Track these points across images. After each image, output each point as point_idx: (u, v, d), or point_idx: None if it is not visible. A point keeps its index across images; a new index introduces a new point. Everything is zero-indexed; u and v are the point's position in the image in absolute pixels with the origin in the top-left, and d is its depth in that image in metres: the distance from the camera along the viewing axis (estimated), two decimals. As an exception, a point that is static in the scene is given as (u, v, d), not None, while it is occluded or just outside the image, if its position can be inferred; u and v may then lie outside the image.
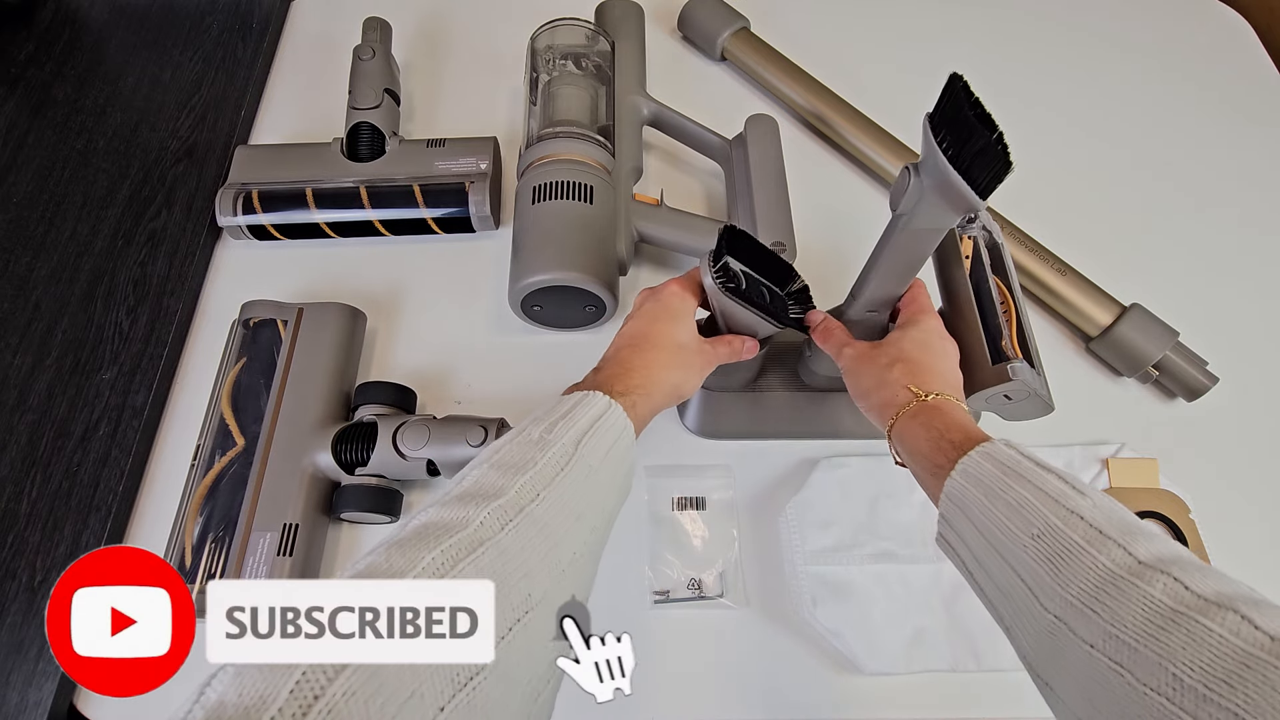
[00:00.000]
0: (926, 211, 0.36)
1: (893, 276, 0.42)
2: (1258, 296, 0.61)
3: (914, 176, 0.35)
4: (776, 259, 0.45)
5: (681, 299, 0.44)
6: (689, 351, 0.43)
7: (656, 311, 0.43)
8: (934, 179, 0.33)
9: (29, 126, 0.68)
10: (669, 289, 0.44)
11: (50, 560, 0.49)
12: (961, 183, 0.32)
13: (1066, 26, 0.77)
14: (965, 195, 0.32)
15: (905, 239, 0.38)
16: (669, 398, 0.42)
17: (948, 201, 0.34)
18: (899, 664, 0.47)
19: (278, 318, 0.55)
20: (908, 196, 0.35)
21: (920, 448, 0.37)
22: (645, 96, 0.65)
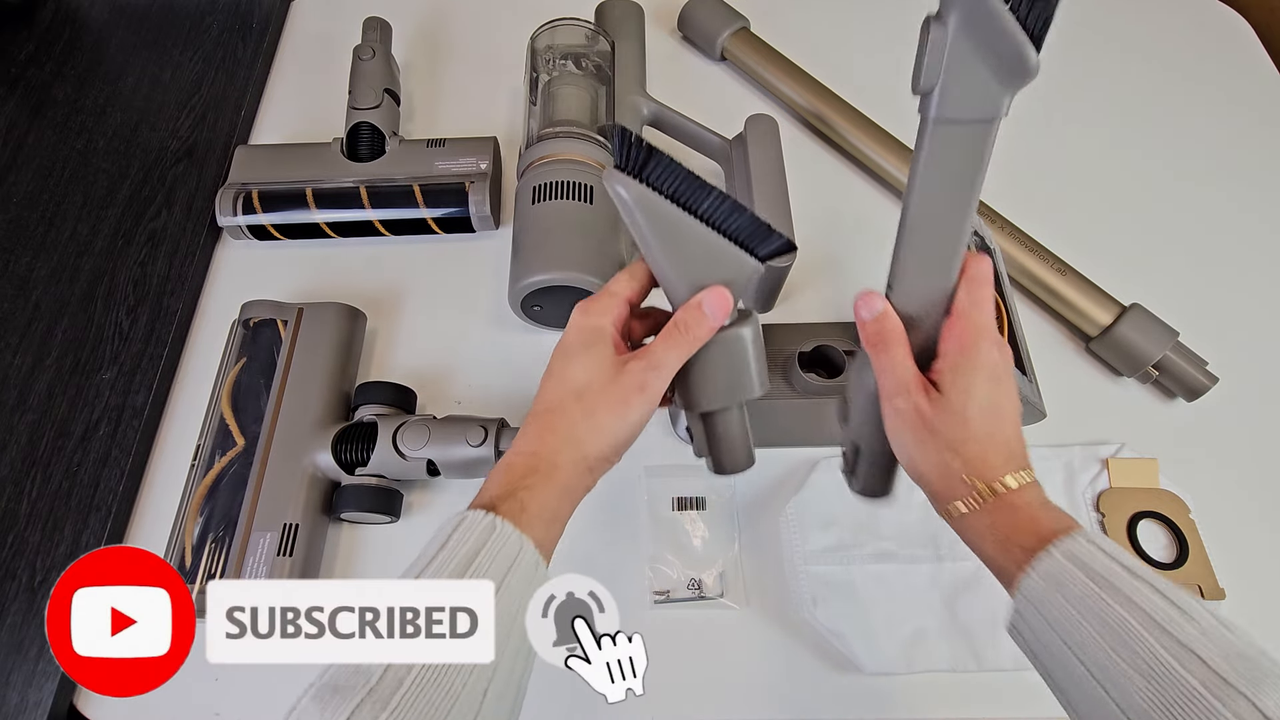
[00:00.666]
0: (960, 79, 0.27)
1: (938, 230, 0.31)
2: (1258, 296, 0.61)
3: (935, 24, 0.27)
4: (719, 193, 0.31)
5: (581, 328, 0.35)
6: (593, 393, 0.33)
7: (554, 356, 0.35)
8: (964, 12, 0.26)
9: (29, 126, 0.68)
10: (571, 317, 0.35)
11: (50, 560, 0.49)
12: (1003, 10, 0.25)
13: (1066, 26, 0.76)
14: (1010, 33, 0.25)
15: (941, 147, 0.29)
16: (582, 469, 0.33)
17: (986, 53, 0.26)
18: (899, 664, 0.47)
19: (278, 318, 0.55)
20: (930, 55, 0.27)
21: (985, 549, 0.33)
22: (645, 96, 0.65)
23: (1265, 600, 0.49)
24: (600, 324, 0.35)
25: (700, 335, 0.33)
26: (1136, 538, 0.50)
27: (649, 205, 0.30)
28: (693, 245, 0.31)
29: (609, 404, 0.33)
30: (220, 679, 0.47)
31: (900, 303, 0.34)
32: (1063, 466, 0.53)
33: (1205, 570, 0.49)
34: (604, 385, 0.33)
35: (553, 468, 0.32)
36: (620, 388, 0.33)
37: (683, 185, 0.31)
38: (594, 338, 0.34)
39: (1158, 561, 0.49)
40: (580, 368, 0.34)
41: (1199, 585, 0.48)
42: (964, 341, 0.33)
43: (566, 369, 0.34)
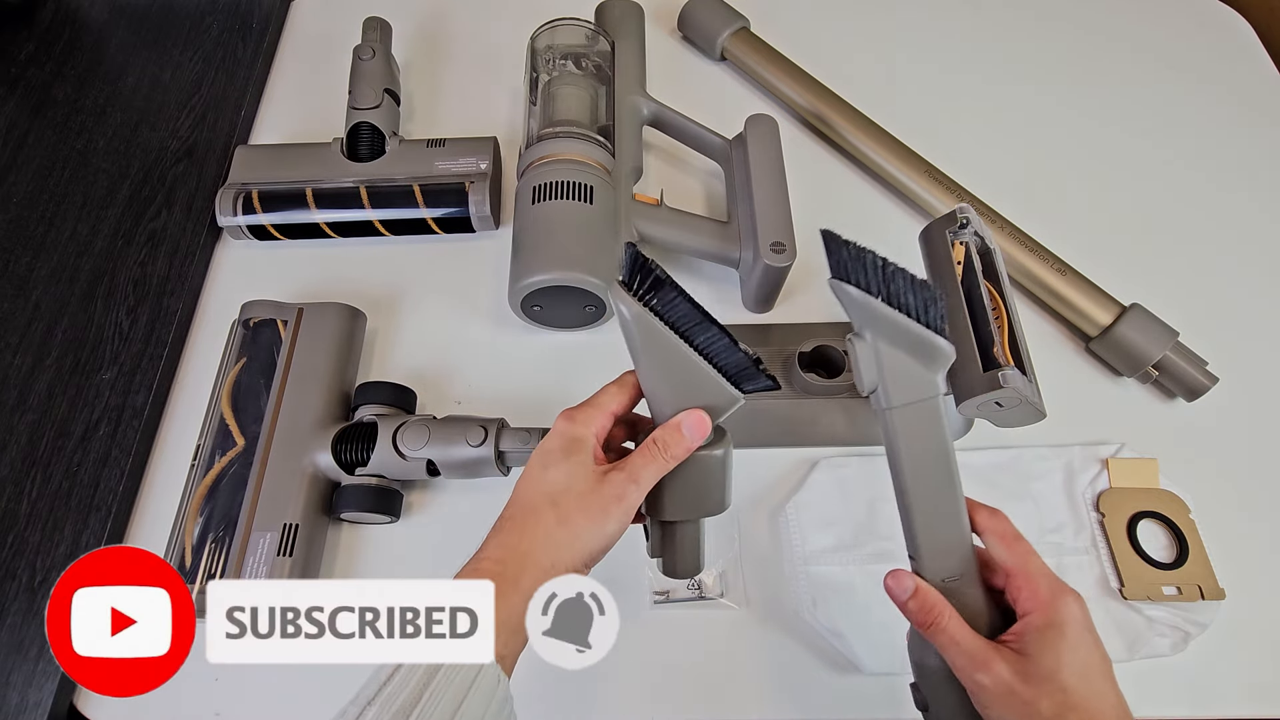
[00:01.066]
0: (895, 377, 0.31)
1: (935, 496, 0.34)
2: (1258, 297, 0.61)
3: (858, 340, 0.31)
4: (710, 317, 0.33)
5: (560, 434, 0.34)
6: (569, 500, 0.33)
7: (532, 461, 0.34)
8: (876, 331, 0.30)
9: (29, 126, 0.68)
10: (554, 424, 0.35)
11: (50, 560, 0.49)
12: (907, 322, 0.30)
13: (1066, 26, 0.77)
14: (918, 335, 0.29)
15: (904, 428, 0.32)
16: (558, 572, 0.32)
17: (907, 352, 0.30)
18: (899, 664, 0.46)
19: (278, 318, 0.55)
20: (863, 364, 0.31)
21: None
22: (645, 96, 0.65)
23: (1265, 600, 0.49)
24: (583, 434, 0.35)
25: (677, 455, 0.34)
26: (1136, 538, 0.50)
27: (647, 327, 0.32)
28: (683, 371, 0.33)
29: (587, 512, 0.33)
30: (220, 679, 0.47)
31: (930, 575, 0.35)
32: (1063, 466, 0.53)
33: (1205, 570, 0.49)
34: (582, 493, 0.33)
35: (521, 572, 0.32)
36: (599, 497, 0.33)
37: (684, 316, 0.33)
38: (575, 446, 0.34)
39: (1158, 561, 0.49)
40: (559, 473, 0.33)
41: (1199, 585, 0.48)
42: (1039, 600, 0.32)
43: (545, 474, 0.34)
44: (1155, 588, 0.48)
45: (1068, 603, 0.33)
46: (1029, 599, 0.33)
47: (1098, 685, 0.32)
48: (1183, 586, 0.48)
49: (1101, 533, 0.51)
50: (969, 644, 0.33)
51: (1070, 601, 0.33)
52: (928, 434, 0.32)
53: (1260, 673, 0.48)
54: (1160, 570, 0.49)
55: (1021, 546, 0.34)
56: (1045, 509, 0.51)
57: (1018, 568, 0.33)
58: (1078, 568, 0.50)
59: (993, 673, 0.32)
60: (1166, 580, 0.48)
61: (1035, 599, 0.33)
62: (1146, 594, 0.48)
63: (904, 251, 0.51)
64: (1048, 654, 0.32)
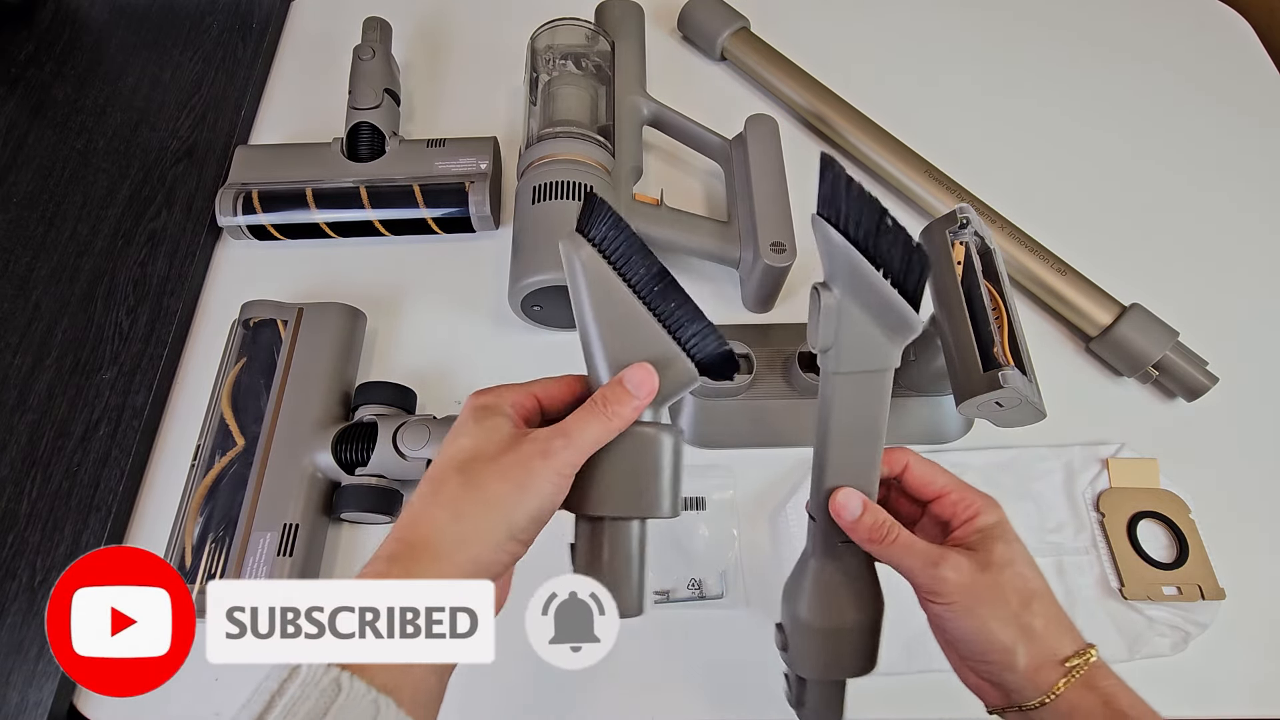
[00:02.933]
0: (853, 340, 0.29)
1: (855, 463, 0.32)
2: (1258, 297, 0.61)
3: (824, 292, 0.29)
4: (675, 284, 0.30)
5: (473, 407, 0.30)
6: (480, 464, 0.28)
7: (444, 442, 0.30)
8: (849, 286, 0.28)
9: (29, 126, 0.68)
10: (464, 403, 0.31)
11: (50, 560, 0.49)
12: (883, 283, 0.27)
13: (1066, 26, 0.77)
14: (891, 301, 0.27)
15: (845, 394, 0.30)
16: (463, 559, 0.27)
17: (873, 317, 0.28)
18: (899, 664, 0.47)
19: (278, 318, 0.55)
20: (823, 319, 0.28)
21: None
22: (645, 96, 0.65)
23: (1265, 600, 0.49)
24: (496, 402, 0.30)
25: (623, 414, 0.29)
26: (1136, 538, 0.50)
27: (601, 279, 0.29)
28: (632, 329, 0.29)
29: (503, 474, 0.27)
30: (220, 679, 0.47)
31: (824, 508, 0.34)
32: (1063, 466, 0.53)
33: (1205, 570, 0.49)
34: (496, 455, 0.28)
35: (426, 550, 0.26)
36: (519, 454, 0.28)
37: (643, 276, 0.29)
38: (487, 412, 0.30)
39: (1158, 561, 0.49)
40: (467, 439, 0.28)
41: (1199, 585, 0.48)
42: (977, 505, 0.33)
43: (453, 443, 0.29)
44: (1155, 588, 0.48)
45: (998, 508, 0.33)
46: (966, 507, 0.33)
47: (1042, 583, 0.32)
48: (1183, 586, 0.48)
49: (1101, 533, 0.51)
50: (923, 548, 0.32)
51: (998, 505, 0.33)
52: (870, 405, 0.30)
53: (1260, 673, 0.48)
54: (1160, 570, 0.49)
55: (942, 469, 0.34)
56: (1045, 509, 0.51)
57: (951, 484, 0.34)
58: (1078, 568, 0.50)
59: (952, 563, 0.31)
60: (1167, 580, 0.48)
61: (973, 506, 0.33)
62: (1147, 594, 0.48)
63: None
64: (999, 545, 0.32)
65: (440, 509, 0.27)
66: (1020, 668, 0.30)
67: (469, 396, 0.31)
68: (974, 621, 0.31)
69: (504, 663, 0.48)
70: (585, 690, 0.47)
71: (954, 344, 0.44)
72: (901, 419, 0.53)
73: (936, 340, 0.46)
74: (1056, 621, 0.31)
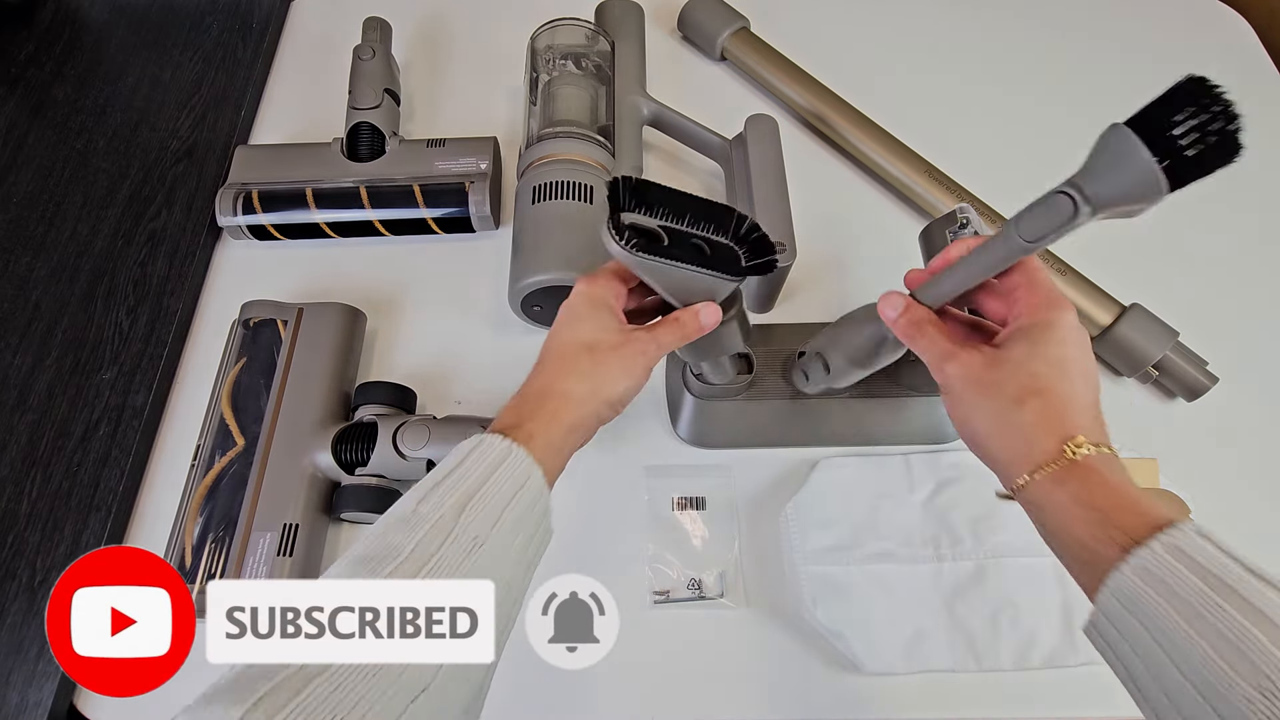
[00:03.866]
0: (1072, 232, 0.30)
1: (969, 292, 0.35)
2: (1258, 296, 0.61)
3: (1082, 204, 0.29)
4: (705, 202, 0.37)
5: (585, 296, 0.38)
6: (601, 350, 0.36)
7: (558, 319, 0.38)
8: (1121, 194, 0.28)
9: (29, 126, 0.68)
10: (575, 287, 0.38)
11: (50, 560, 0.49)
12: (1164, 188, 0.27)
13: (1066, 26, 0.77)
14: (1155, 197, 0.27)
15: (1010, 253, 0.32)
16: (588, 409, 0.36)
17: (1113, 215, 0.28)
18: (899, 664, 0.47)
19: (278, 318, 0.55)
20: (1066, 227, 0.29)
21: (1072, 530, 0.29)
22: (645, 96, 0.65)
23: (1265, 600, 0.49)
24: (604, 294, 0.38)
25: (693, 333, 0.38)
26: (1136, 538, 0.50)
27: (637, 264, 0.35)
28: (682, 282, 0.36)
29: (622, 359, 0.36)
30: (220, 679, 0.47)
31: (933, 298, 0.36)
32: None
33: (1205, 570, 0.49)
34: (613, 345, 0.37)
35: (565, 399, 0.35)
36: (629, 348, 0.37)
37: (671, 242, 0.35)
38: (600, 305, 0.38)
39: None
40: (590, 325, 0.37)
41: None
42: (1033, 304, 0.33)
43: (576, 327, 0.37)
44: (1155, 588, 0.48)
45: (1061, 309, 0.32)
46: (1024, 305, 0.33)
47: (1075, 382, 0.31)
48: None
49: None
50: (939, 345, 0.34)
51: (1066, 308, 0.33)
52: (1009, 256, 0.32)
53: (1260, 673, 0.48)
54: (1160, 570, 0.49)
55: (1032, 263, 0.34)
56: (1045, 509, 0.51)
57: (1024, 279, 0.33)
58: (1078, 568, 0.50)
59: (960, 360, 0.33)
60: (1166, 580, 0.48)
61: (1030, 304, 0.33)
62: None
63: (904, 251, 0.52)
64: (1022, 344, 0.32)
65: (576, 375, 0.36)
66: (999, 460, 0.32)
67: (579, 281, 0.38)
68: (963, 412, 0.33)
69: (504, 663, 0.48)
70: (585, 690, 0.47)
71: None
72: (901, 419, 0.53)
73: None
74: (1047, 422, 0.31)
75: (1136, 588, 0.26)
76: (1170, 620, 0.25)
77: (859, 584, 0.49)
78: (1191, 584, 0.25)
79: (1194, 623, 0.25)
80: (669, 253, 0.35)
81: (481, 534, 0.30)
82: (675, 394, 0.54)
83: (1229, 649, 0.24)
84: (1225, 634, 0.24)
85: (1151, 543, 0.26)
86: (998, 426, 0.32)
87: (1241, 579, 0.25)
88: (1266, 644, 0.23)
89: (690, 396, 0.52)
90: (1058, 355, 0.31)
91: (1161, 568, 0.26)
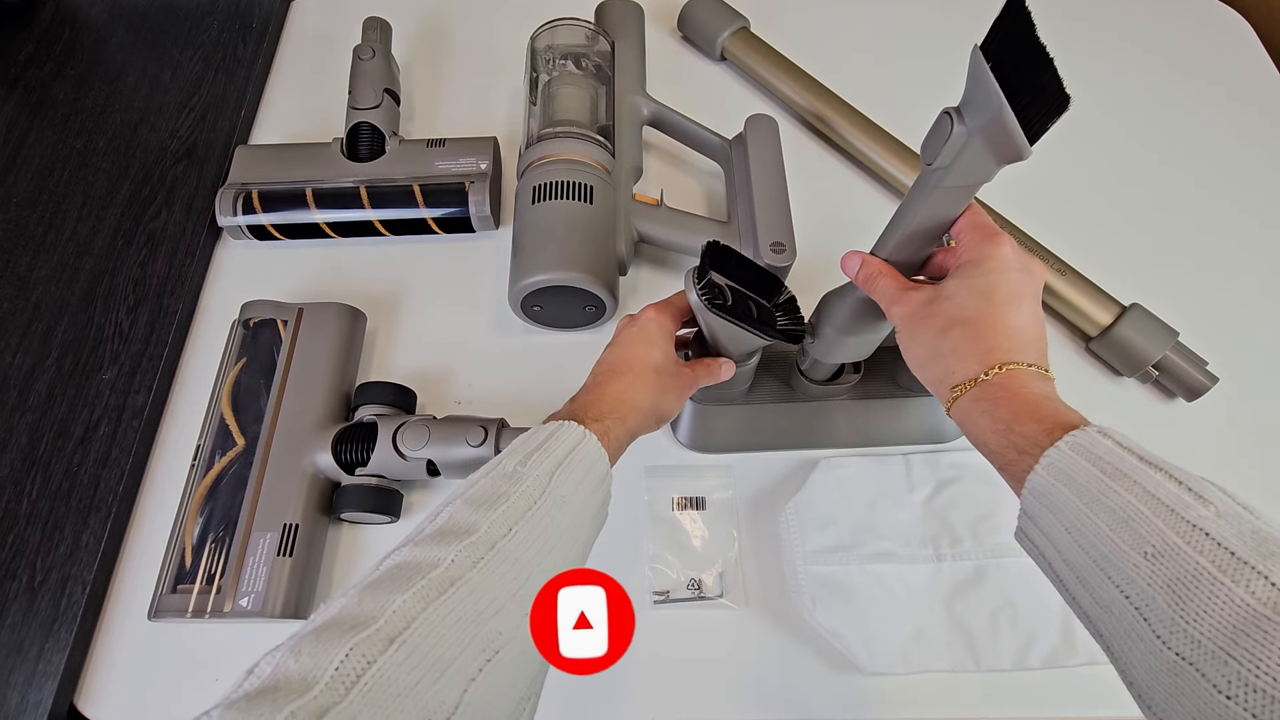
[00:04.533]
0: (966, 163, 0.32)
1: (916, 241, 0.38)
2: (1258, 296, 0.61)
3: (957, 122, 0.31)
4: (762, 271, 0.44)
5: (658, 324, 0.43)
6: (665, 375, 0.42)
7: (633, 336, 0.43)
8: (982, 119, 0.30)
9: (29, 126, 0.68)
10: (645, 315, 0.44)
11: (50, 560, 0.49)
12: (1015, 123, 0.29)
13: (1066, 27, 0.76)
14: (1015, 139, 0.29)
15: (937, 198, 0.34)
16: (646, 421, 0.41)
17: (991, 150, 0.31)
18: (899, 664, 0.47)
19: (278, 318, 0.55)
20: (949, 145, 0.31)
21: (984, 439, 0.33)
22: (645, 96, 0.65)
23: (1265, 600, 0.49)
24: (670, 327, 0.44)
25: (720, 380, 0.45)
26: (1136, 538, 0.50)
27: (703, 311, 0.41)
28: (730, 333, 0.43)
29: (676, 387, 0.42)
30: (220, 679, 0.47)
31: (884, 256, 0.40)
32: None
33: (1205, 570, 0.49)
34: (674, 373, 0.43)
35: (633, 409, 0.40)
36: (683, 379, 0.43)
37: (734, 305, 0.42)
38: (667, 334, 0.43)
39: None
40: (659, 353, 0.42)
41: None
42: (971, 243, 0.35)
43: (650, 349, 0.42)
44: (1155, 588, 0.48)
45: (995, 243, 0.35)
46: (965, 244, 0.36)
47: (1001, 309, 0.34)
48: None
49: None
50: (889, 290, 0.37)
51: (999, 243, 0.35)
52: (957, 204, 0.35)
53: (1260, 673, 0.48)
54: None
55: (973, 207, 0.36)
56: (1045, 509, 0.51)
57: (966, 222, 0.36)
58: (1078, 568, 0.50)
59: (904, 300, 0.36)
60: (1166, 580, 0.48)
61: (969, 242, 0.36)
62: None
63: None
64: (955, 279, 0.35)
65: (645, 391, 0.41)
66: (930, 385, 0.36)
67: (649, 308, 0.44)
68: (905, 346, 0.37)
69: (504, 663, 0.48)
70: (585, 690, 0.47)
71: None
72: (902, 419, 0.53)
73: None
74: (968, 346, 0.34)
75: (1048, 484, 0.29)
76: (1074, 507, 0.28)
77: (859, 584, 0.49)
78: (1091, 474, 0.28)
79: (1091, 506, 0.28)
80: (733, 310, 0.41)
81: (566, 496, 0.34)
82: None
83: (1118, 524, 0.26)
84: (1116, 511, 0.27)
85: (1059, 443, 0.29)
86: (930, 355, 0.36)
87: (1134, 467, 0.27)
88: (1148, 515, 0.26)
89: (689, 402, 0.52)
90: (984, 285, 0.34)
91: (1068, 463, 0.29)
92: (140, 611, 0.47)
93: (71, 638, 0.46)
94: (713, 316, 0.41)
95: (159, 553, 0.48)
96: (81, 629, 0.47)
